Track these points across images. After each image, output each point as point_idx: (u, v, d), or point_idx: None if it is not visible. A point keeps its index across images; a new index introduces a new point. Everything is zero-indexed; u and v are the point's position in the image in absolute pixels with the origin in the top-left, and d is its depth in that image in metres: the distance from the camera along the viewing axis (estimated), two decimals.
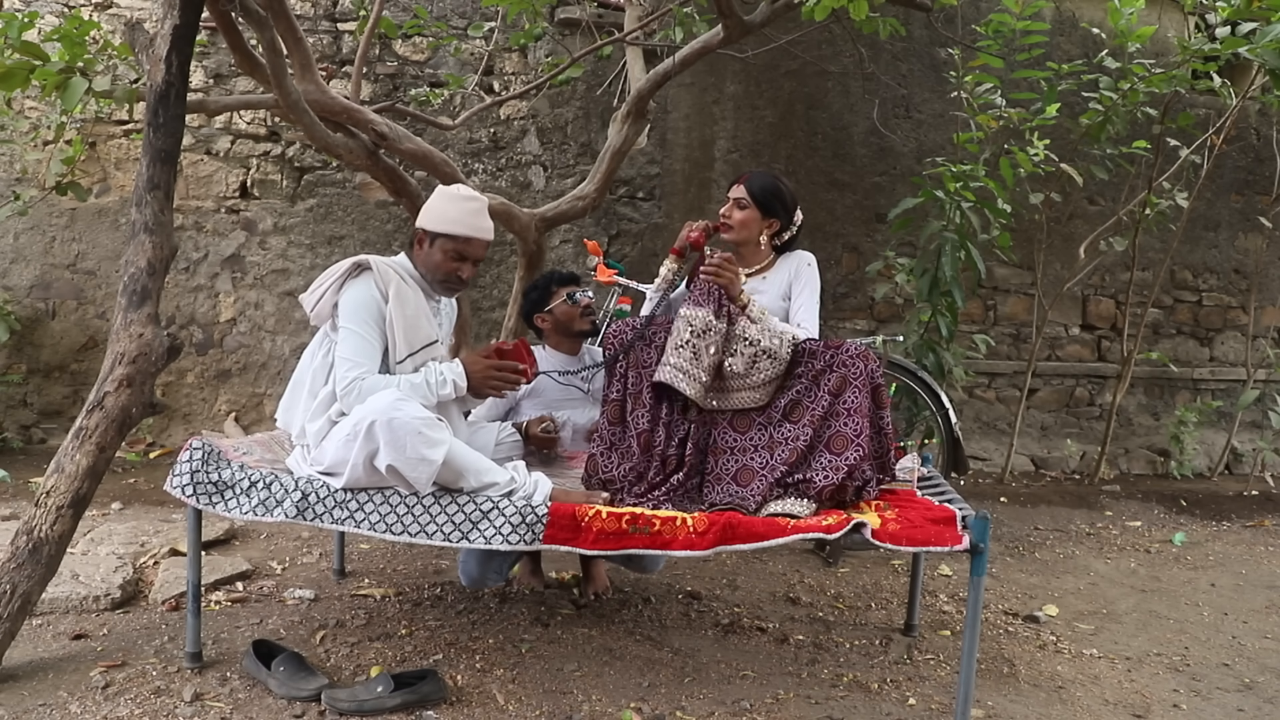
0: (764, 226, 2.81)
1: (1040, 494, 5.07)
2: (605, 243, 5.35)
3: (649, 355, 2.63)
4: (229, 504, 2.39)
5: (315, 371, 2.52)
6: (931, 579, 3.64)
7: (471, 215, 2.55)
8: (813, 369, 2.52)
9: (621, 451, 2.60)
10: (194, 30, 2.73)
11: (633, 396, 2.61)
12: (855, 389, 2.45)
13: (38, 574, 2.43)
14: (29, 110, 5.07)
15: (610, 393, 2.66)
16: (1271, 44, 3.89)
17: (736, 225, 2.81)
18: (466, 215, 2.54)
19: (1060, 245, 5.52)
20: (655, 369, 2.56)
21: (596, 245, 4.04)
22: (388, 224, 5.31)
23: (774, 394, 2.55)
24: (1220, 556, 4.15)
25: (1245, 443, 5.88)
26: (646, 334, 2.65)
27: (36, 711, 2.26)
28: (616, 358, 2.65)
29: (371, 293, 2.47)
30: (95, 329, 5.21)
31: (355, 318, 2.45)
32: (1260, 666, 2.94)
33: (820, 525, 2.24)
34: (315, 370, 2.52)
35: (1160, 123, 5.03)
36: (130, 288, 2.60)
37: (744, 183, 2.83)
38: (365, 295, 2.46)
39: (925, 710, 2.49)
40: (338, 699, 2.31)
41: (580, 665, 2.64)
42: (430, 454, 2.26)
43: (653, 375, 2.56)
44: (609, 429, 2.63)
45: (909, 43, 5.34)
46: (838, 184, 5.49)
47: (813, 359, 2.53)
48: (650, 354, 2.62)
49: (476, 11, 5.23)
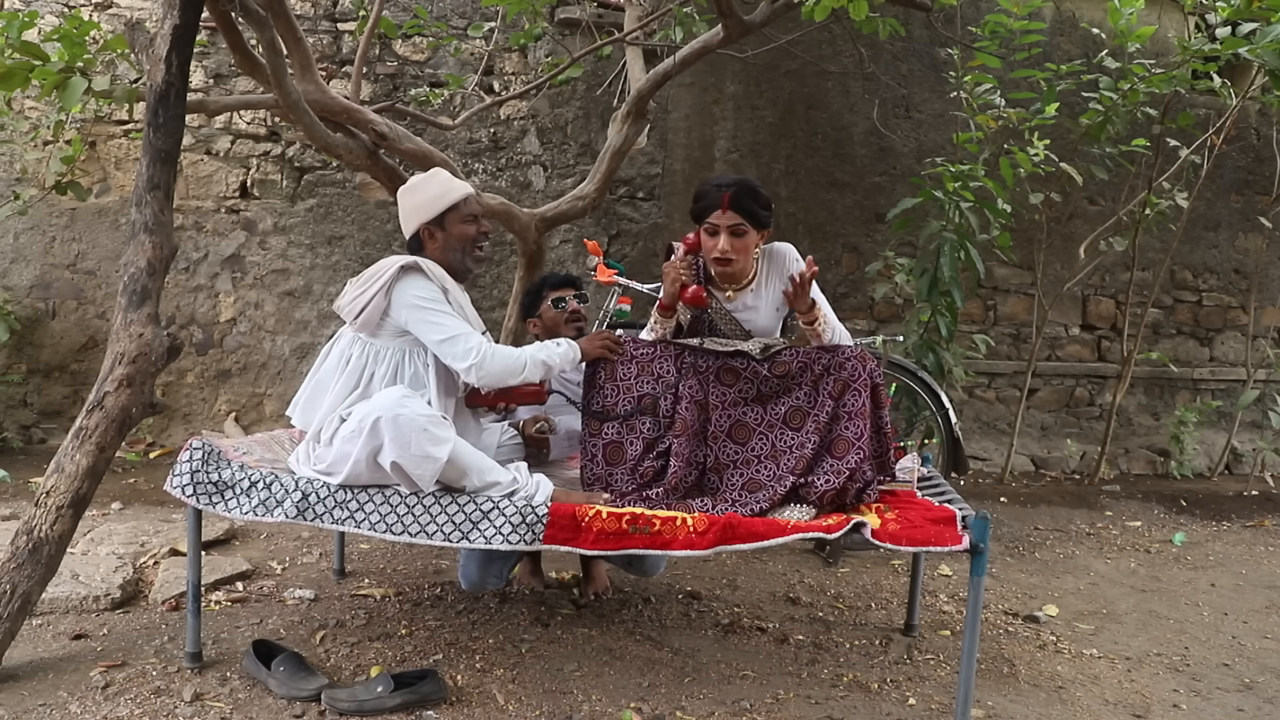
0: (759, 239, 2.58)
1: (1040, 494, 5.07)
2: (605, 243, 5.35)
3: (628, 370, 2.60)
4: (229, 504, 2.39)
5: (349, 373, 2.49)
6: (931, 579, 3.64)
7: (444, 184, 2.59)
8: (812, 374, 2.49)
9: (597, 461, 2.59)
10: (194, 30, 2.73)
11: (609, 409, 2.60)
12: (855, 392, 2.44)
13: (38, 574, 2.43)
14: (29, 110, 5.06)
15: (591, 404, 2.63)
16: (1271, 44, 3.89)
17: (739, 256, 2.53)
18: (441, 186, 2.58)
19: (1060, 245, 5.52)
20: (632, 383, 2.57)
21: (596, 245, 4.04)
22: (387, 224, 5.30)
23: (772, 399, 2.53)
24: (1220, 556, 4.15)
25: (1245, 443, 5.88)
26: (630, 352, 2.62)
27: (36, 711, 2.26)
28: (596, 371, 2.64)
29: (432, 286, 2.47)
30: (95, 329, 5.21)
31: (432, 303, 2.44)
32: (1260, 666, 2.94)
33: (820, 525, 2.24)
34: (349, 371, 2.49)
35: (1160, 123, 5.03)
36: (130, 288, 2.60)
37: (728, 206, 2.46)
38: (429, 287, 2.47)
39: (925, 710, 2.49)
40: (338, 699, 2.31)
41: (580, 665, 2.64)
42: (435, 451, 2.26)
43: (629, 390, 2.56)
44: (589, 439, 2.62)
45: (909, 43, 5.34)
46: (838, 184, 5.49)
47: (812, 364, 2.50)
48: (630, 369, 2.60)
49: (476, 11, 5.23)
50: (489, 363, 2.42)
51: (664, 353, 2.61)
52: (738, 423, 2.53)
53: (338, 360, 2.54)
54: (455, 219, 2.57)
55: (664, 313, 2.65)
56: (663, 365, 2.60)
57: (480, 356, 2.41)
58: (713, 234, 2.52)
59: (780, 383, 2.52)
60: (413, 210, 2.58)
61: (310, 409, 2.55)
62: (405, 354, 2.50)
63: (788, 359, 2.51)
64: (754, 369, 2.53)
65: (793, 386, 2.51)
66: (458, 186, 2.59)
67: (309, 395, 2.56)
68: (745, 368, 2.54)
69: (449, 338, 2.42)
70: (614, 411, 2.60)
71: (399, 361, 2.50)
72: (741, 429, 2.53)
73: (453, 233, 2.57)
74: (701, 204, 2.52)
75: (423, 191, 2.58)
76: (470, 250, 2.60)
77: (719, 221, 2.50)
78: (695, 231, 2.59)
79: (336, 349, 2.57)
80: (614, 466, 2.57)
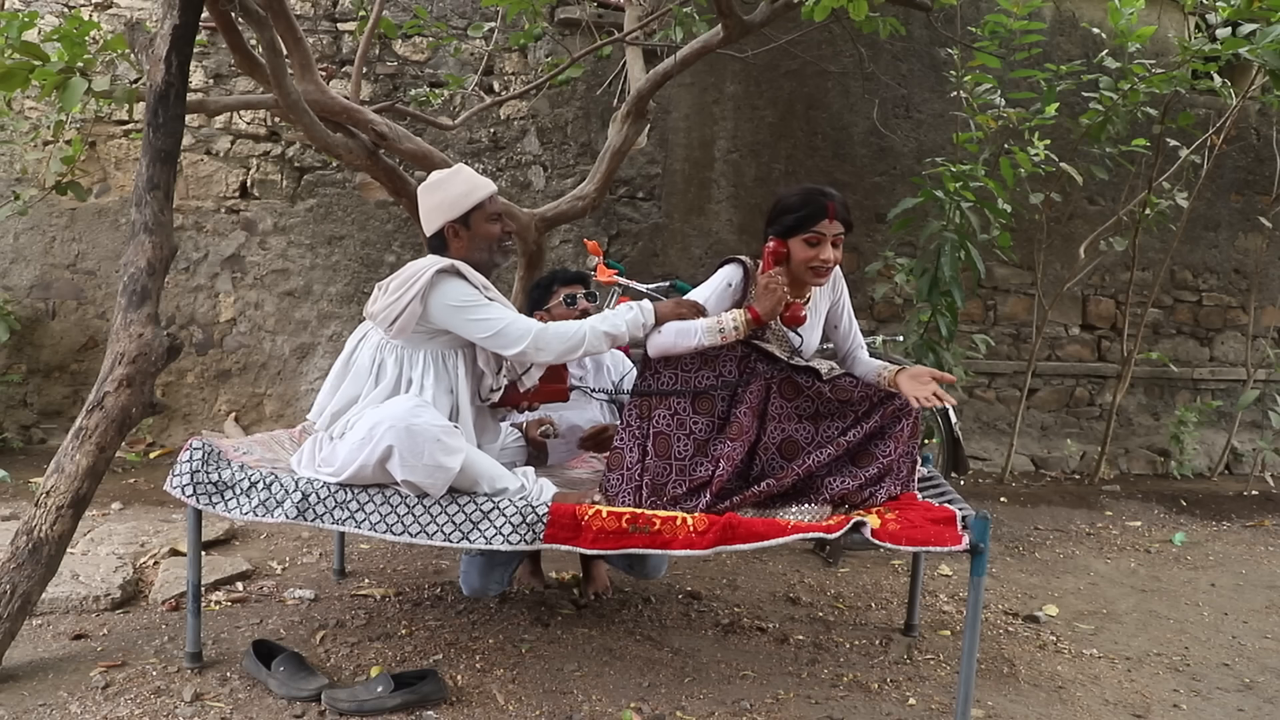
0: None
1: (1040, 494, 5.07)
2: (605, 243, 5.35)
3: (691, 359, 2.46)
4: (229, 504, 2.39)
5: (386, 382, 2.45)
6: (931, 579, 3.64)
7: (469, 181, 2.56)
8: (869, 403, 2.47)
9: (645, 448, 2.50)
10: (194, 30, 2.73)
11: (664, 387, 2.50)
12: (902, 421, 2.47)
13: (38, 574, 2.43)
14: (29, 110, 5.06)
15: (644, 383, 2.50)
16: (1271, 44, 3.89)
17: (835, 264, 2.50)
18: (466, 184, 2.55)
19: (1060, 245, 5.52)
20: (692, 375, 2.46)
21: (596, 245, 4.04)
22: (388, 224, 5.30)
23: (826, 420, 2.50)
24: (1220, 556, 4.15)
25: (1245, 443, 5.88)
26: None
27: (36, 711, 2.26)
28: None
29: (470, 287, 2.45)
30: (95, 329, 5.21)
31: (471, 301, 2.42)
32: (1260, 666, 2.94)
33: (820, 525, 2.24)
34: (386, 380, 2.45)
35: (1160, 123, 5.04)
36: (130, 288, 2.60)
37: (834, 216, 2.44)
38: (466, 288, 2.44)
39: (925, 710, 2.49)
40: (338, 699, 2.31)
41: (580, 665, 2.64)
42: (447, 461, 2.26)
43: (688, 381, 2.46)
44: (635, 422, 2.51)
45: (909, 43, 5.34)
46: (838, 184, 5.46)
47: (870, 395, 2.47)
48: (693, 358, 2.46)
49: (476, 11, 5.23)
50: (546, 338, 2.40)
51: (729, 350, 2.48)
52: (789, 438, 2.46)
53: (369, 365, 2.48)
54: (481, 217, 2.54)
55: (755, 324, 2.44)
56: (726, 364, 2.48)
57: (535, 335, 2.39)
58: (814, 244, 2.45)
59: (839, 407, 2.48)
60: (435, 208, 2.54)
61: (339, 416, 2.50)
62: (439, 358, 2.48)
63: (849, 386, 2.48)
64: (818, 388, 2.46)
65: (848, 413, 2.48)
66: (482, 184, 2.56)
67: (339, 405, 2.49)
68: (809, 385, 2.47)
69: (499, 330, 2.40)
70: (671, 388, 2.47)
71: (432, 364, 2.47)
72: (791, 445, 2.46)
73: (478, 231, 2.54)
74: (803, 213, 2.44)
75: (447, 189, 2.54)
76: (496, 245, 2.59)
77: (826, 231, 2.44)
78: (775, 240, 2.49)
79: (365, 352, 2.50)
80: (662, 459, 2.46)
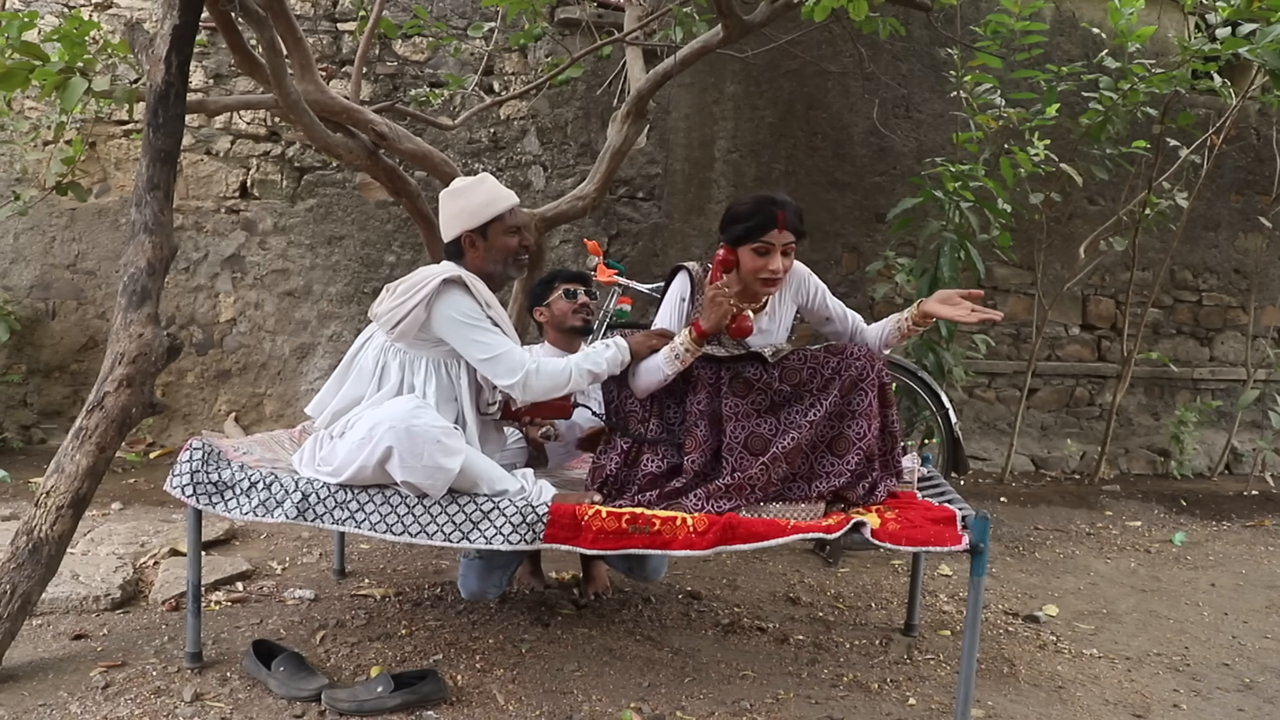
0: None
1: (1040, 494, 5.07)
2: (605, 243, 5.35)
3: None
4: (229, 504, 2.39)
5: (389, 386, 2.45)
6: (931, 579, 3.64)
7: (491, 191, 2.54)
8: (821, 377, 2.45)
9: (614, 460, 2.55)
10: (194, 30, 2.73)
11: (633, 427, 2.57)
12: (862, 391, 2.43)
13: (38, 574, 2.43)
14: (29, 110, 5.07)
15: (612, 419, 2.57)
16: (1271, 44, 3.89)
17: (785, 274, 2.47)
18: (488, 194, 2.53)
19: (1060, 245, 5.52)
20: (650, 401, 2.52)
21: (596, 245, 4.04)
22: (388, 224, 5.31)
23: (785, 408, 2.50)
24: (1220, 556, 4.15)
25: (1245, 443, 5.88)
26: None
27: (36, 711, 2.26)
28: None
29: (474, 302, 2.44)
30: (95, 329, 5.21)
31: (474, 320, 2.41)
32: (1260, 666, 2.94)
33: (820, 525, 2.24)
34: (389, 384, 2.46)
35: (1160, 123, 5.04)
36: (130, 288, 2.60)
37: (784, 225, 2.40)
38: (471, 304, 2.43)
39: (925, 710, 2.49)
40: (338, 699, 2.31)
41: (580, 665, 2.64)
42: (447, 463, 2.26)
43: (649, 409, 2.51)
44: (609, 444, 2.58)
45: (909, 43, 5.34)
46: (838, 184, 5.49)
47: (821, 367, 2.46)
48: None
49: (476, 11, 5.23)
50: (534, 379, 2.40)
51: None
52: (753, 434, 2.46)
53: (373, 368, 2.49)
54: (499, 230, 2.52)
55: (702, 340, 2.41)
56: (669, 402, 2.53)
57: (525, 374, 2.39)
58: (763, 253, 2.42)
59: (793, 391, 2.47)
60: (455, 216, 2.53)
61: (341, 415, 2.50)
62: (441, 364, 2.48)
63: (796, 365, 2.46)
64: (766, 380, 2.46)
65: (804, 394, 2.47)
66: (504, 196, 2.53)
67: (341, 406, 2.49)
68: (758, 379, 2.46)
69: (493, 356, 2.39)
70: (638, 433, 2.54)
71: (435, 372, 2.47)
72: (758, 439, 2.45)
73: (495, 243, 2.53)
74: (751, 222, 2.41)
75: (468, 198, 2.52)
76: (512, 259, 2.57)
77: (775, 240, 2.40)
78: (724, 249, 2.45)
79: (369, 354, 2.51)
80: (633, 469, 2.52)
